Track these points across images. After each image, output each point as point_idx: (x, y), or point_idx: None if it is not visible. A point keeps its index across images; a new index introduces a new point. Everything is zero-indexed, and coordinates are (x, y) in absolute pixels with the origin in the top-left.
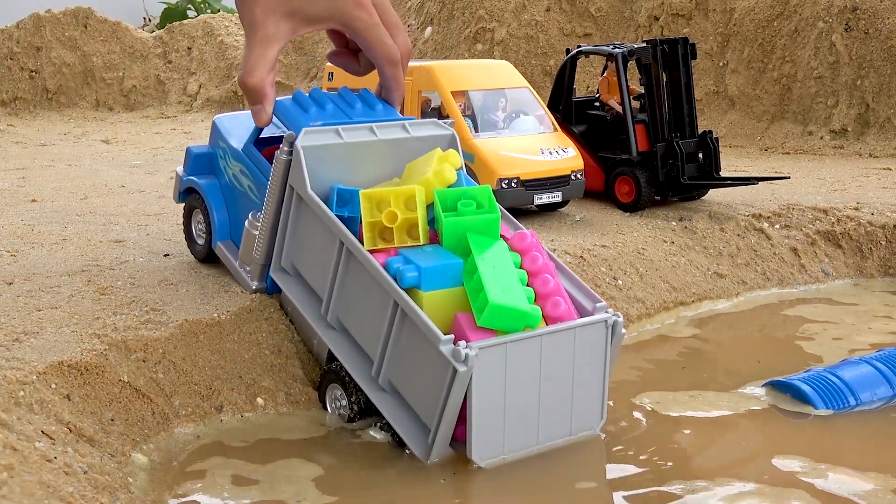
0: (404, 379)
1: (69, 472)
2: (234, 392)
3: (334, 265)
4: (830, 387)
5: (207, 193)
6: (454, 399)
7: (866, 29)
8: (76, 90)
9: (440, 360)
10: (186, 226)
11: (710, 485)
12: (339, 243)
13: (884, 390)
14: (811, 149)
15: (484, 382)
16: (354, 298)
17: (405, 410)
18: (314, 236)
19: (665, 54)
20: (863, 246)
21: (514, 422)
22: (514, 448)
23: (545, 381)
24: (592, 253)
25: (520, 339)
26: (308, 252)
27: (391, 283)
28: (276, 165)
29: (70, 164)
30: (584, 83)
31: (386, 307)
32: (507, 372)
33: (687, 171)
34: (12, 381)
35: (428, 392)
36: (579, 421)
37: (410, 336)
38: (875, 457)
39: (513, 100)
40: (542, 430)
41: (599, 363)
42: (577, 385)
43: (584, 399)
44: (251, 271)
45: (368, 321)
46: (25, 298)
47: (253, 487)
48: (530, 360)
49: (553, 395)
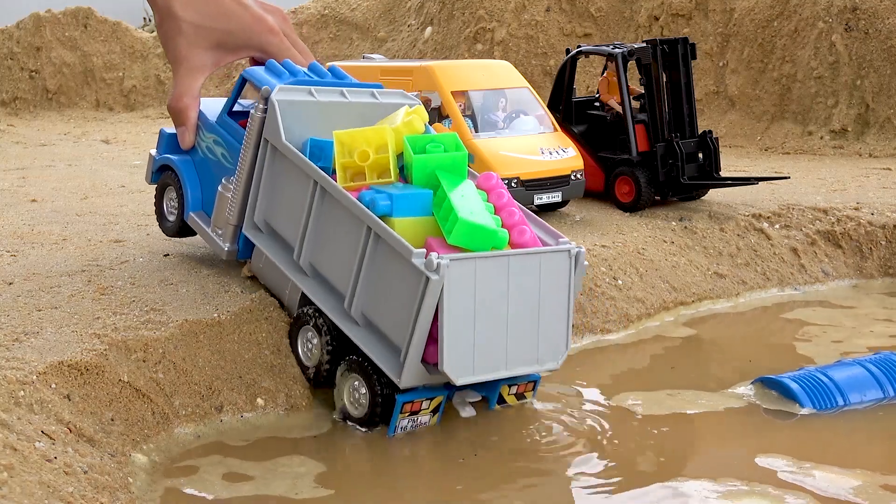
0: (376, 305)
1: (69, 472)
2: (234, 392)
3: (307, 207)
4: (818, 386)
5: (180, 167)
6: (426, 310)
7: (866, 29)
8: (76, 90)
9: (412, 273)
10: (158, 203)
11: (682, 483)
12: (312, 184)
13: (874, 393)
14: (811, 149)
15: (455, 295)
16: (327, 237)
17: (378, 339)
18: (288, 185)
19: (665, 54)
20: (863, 246)
21: (483, 341)
22: (484, 368)
23: (512, 305)
24: (592, 253)
25: (489, 257)
26: (281, 203)
27: (364, 209)
28: (250, 124)
29: (70, 164)
30: (584, 83)
31: (359, 235)
32: (477, 288)
33: (687, 171)
34: (12, 381)
35: (400, 311)
36: (545, 350)
37: (383, 259)
38: (860, 454)
39: (513, 100)
40: (511, 354)
41: (564, 293)
42: (543, 313)
43: (549, 329)
44: (223, 234)
45: (341, 255)
46: (25, 298)
47: (248, 483)
48: (498, 280)
49: (520, 320)
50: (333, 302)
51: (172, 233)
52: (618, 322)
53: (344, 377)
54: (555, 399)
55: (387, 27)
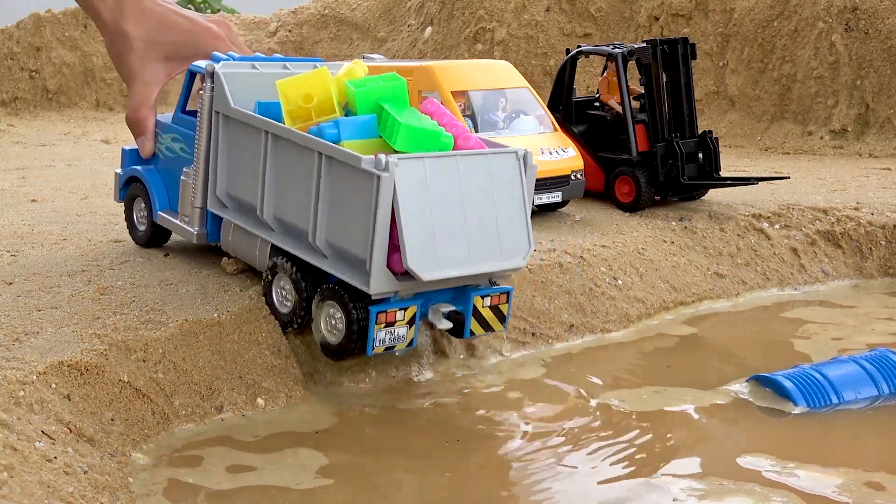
0: (338, 228)
1: (69, 472)
2: (234, 392)
3: (262, 159)
4: (813, 383)
5: (144, 174)
6: (382, 211)
7: (866, 29)
8: (76, 90)
9: (364, 179)
10: (128, 216)
11: (666, 480)
12: (263, 135)
13: (868, 390)
14: (811, 149)
15: (408, 192)
16: (285, 182)
17: (345, 261)
18: (243, 148)
19: (665, 54)
20: (863, 246)
21: (444, 238)
22: (449, 264)
23: (468, 203)
24: (592, 253)
25: (437, 157)
26: (239, 168)
27: (312, 138)
28: (200, 105)
29: (70, 164)
30: (584, 83)
31: (311, 165)
32: (430, 187)
33: (687, 171)
34: (12, 381)
35: (359, 223)
36: (508, 248)
37: (336, 179)
38: (845, 452)
39: (513, 100)
40: (473, 251)
41: (518, 193)
42: (500, 212)
43: (508, 227)
44: (191, 219)
45: (299, 193)
46: (25, 298)
47: (251, 473)
48: (450, 179)
49: (477, 218)
50: (300, 242)
51: (143, 241)
52: (618, 322)
53: (319, 308)
54: (546, 395)
55: (387, 27)
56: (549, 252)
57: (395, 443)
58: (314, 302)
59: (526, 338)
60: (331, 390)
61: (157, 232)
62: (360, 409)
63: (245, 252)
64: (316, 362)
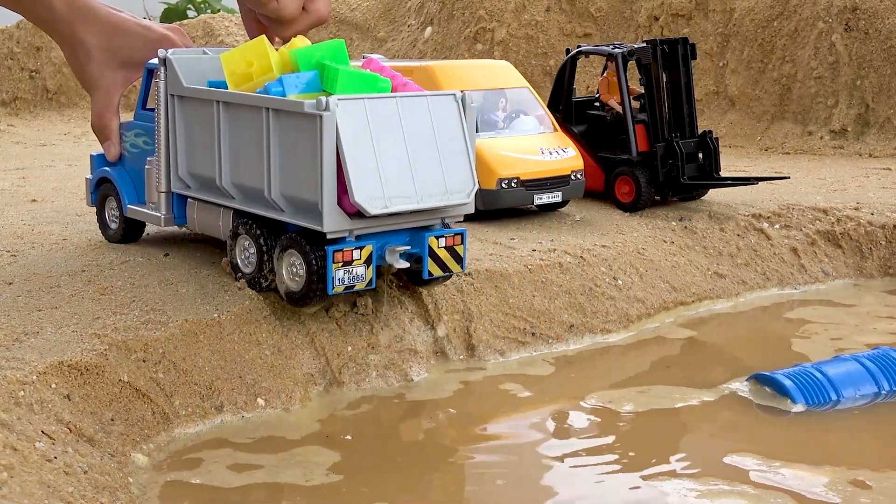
0: (290, 177)
1: (69, 472)
2: (234, 392)
3: (216, 128)
4: (812, 382)
5: (113, 174)
6: (328, 149)
7: (866, 29)
8: (76, 90)
9: (308, 122)
10: (100, 216)
11: (659, 478)
12: (215, 105)
13: (868, 388)
14: (811, 149)
15: (350, 131)
16: (237, 146)
17: (300, 209)
18: (197, 123)
19: (665, 54)
20: (863, 246)
21: (389, 175)
22: (395, 197)
23: (410, 142)
24: (592, 253)
25: (376, 98)
26: (196, 145)
27: (258, 95)
28: (157, 94)
29: (70, 164)
30: (584, 83)
31: (260, 122)
32: (371, 125)
33: (687, 171)
34: (12, 381)
35: (308, 168)
36: (452, 185)
37: (283, 129)
38: (841, 451)
39: (513, 100)
40: (419, 187)
41: (458, 133)
42: (443, 151)
43: (452, 166)
44: (157, 205)
45: (252, 154)
46: (25, 298)
47: (259, 471)
48: (390, 118)
49: (421, 156)
50: (259, 202)
51: (116, 239)
52: (618, 322)
53: (280, 260)
54: (545, 393)
55: (387, 27)
56: (549, 252)
57: (396, 443)
58: (275, 254)
59: (526, 338)
60: (331, 390)
61: (129, 228)
62: (360, 409)
63: (210, 226)
64: (316, 362)
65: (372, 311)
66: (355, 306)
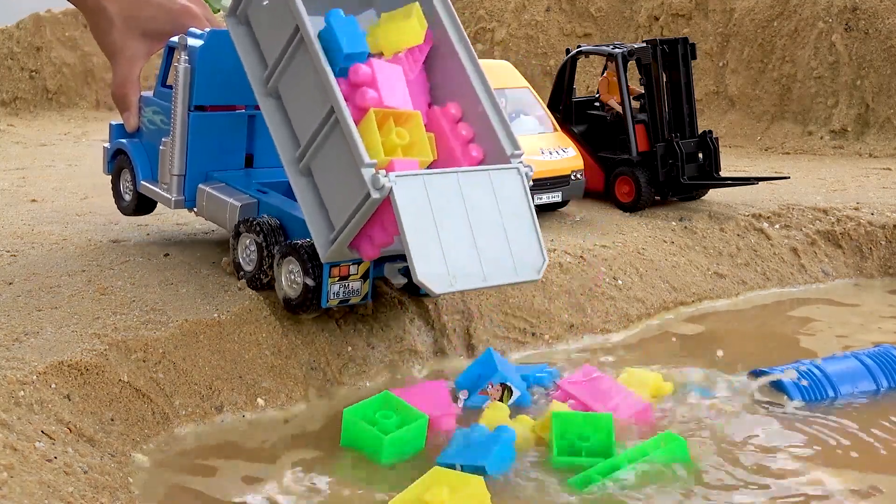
0: (325, 173)
1: (69, 472)
2: (234, 392)
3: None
4: (809, 378)
5: (129, 146)
6: (360, 217)
7: (866, 29)
8: (76, 90)
9: (360, 179)
10: (115, 187)
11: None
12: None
13: (866, 385)
14: (811, 149)
15: (410, 210)
16: (298, 90)
17: (316, 201)
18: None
19: (665, 54)
20: (863, 246)
21: (453, 254)
22: (461, 276)
23: (473, 218)
24: (592, 253)
25: (436, 174)
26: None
27: (334, 87)
28: (176, 77)
29: (70, 164)
30: (584, 83)
31: (322, 110)
32: (432, 203)
33: (687, 171)
34: (12, 381)
35: (342, 197)
36: (521, 263)
37: (339, 143)
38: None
39: (513, 100)
40: (486, 266)
41: (523, 207)
42: (509, 227)
43: (519, 242)
44: (169, 187)
45: (307, 106)
46: (25, 298)
47: (258, 471)
48: (451, 195)
49: (486, 233)
50: (289, 146)
51: (129, 211)
52: (618, 322)
53: (280, 266)
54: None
55: None
56: (549, 252)
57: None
58: (276, 260)
59: (526, 338)
60: (331, 390)
61: (142, 202)
62: None
63: (216, 216)
64: (317, 362)
65: (372, 311)
66: (355, 306)
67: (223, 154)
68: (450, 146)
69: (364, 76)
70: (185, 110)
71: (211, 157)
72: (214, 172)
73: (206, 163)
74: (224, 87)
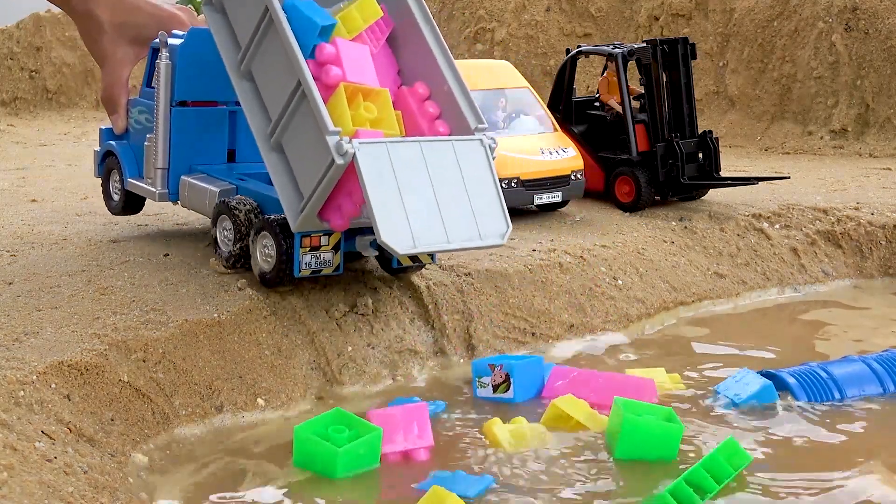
0: (294, 146)
1: (69, 472)
2: (234, 392)
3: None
4: (816, 380)
5: (118, 147)
6: (326, 184)
7: (866, 29)
8: (76, 90)
9: (326, 147)
10: (105, 188)
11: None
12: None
13: (873, 388)
14: (811, 149)
15: (374, 176)
16: (268, 67)
17: (286, 172)
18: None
19: (665, 54)
20: (863, 246)
21: (416, 218)
22: (425, 241)
23: (437, 185)
24: (592, 253)
25: (399, 142)
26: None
27: (300, 60)
28: (157, 74)
29: (70, 164)
30: (584, 83)
31: (290, 84)
32: (396, 170)
33: (687, 171)
34: (12, 381)
35: (309, 165)
36: (485, 228)
37: (306, 115)
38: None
39: (513, 100)
40: (450, 230)
41: (487, 176)
42: (473, 195)
43: (483, 209)
44: (154, 180)
45: (277, 81)
46: (25, 298)
47: (258, 470)
48: (415, 162)
49: (449, 200)
50: (261, 124)
51: (118, 211)
52: (618, 322)
53: (255, 243)
54: None
55: None
56: (549, 252)
57: None
58: (251, 237)
59: (526, 338)
60: (331, 391)
61: (130, 200)
62: (360, 410)
63: (198, 205)
64: (317, 362)
65: (372, 311)
66: (355, 306)
67: (206, 149)
68: (417, 123)
69: (329, 55)
70: (168, 106)
71: (193, 152)
72: (198, 165)
73: (188, 157)
74: (205, 83)
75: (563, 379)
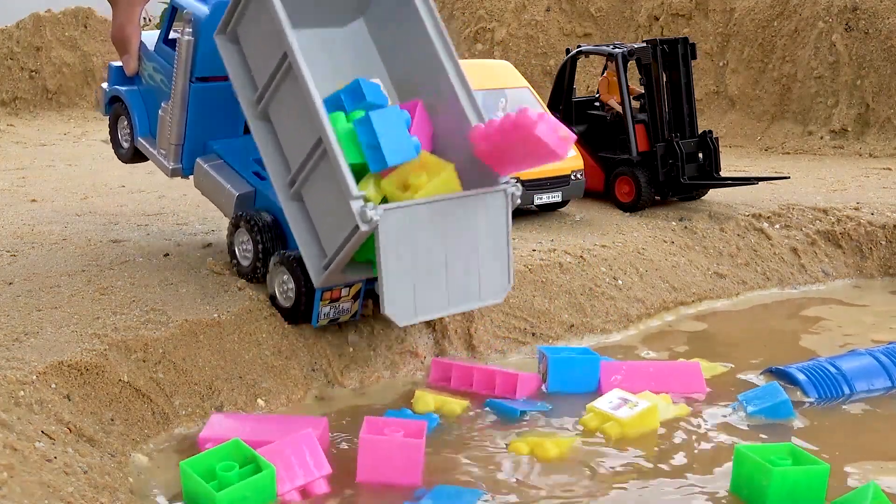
0: (315, 201)
1: (69, 472)
2: (234, 392)
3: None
4: (825, 375)
5: (127, 96)
6: (350, 247)
7: (866, 29)
8: (76, 90)
9: (349, 211)
10: (112, 133)
11: (675, 472)
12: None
13: (882, 381)
14: (811, 149)
15: (391, 246)
16: (286, 117)
17: (308, 227)
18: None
19: (665, 54)
20: (863, 246)
21: (422, 287)
22: (426, 308)
23: (451, 245)
24: (592, 253)
25: (424, 203)
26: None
27: (321, 116)
28: (179, 48)
29: (70, 164)
30: (584, 83)
31: (311, 139)
32: (415, 234)
33: (687, 171)
34: (12, 381)
35: (332, 225)
36: (487, 285)
37: (327, 173)
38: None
39: (513, 100)
40: (452, 293)
41: (502, 230)
42: (483, 251)
43: (490, 265)
44: (167, 154)
45: (296, 135)
46: (25, 298)
47: None
48: (435, 223)
49: (459, 260)
50: (280, 171)
51: (127, 159)
52: (618, 322)
53: (274, 270)
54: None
55: None
56: (549, 252)
57: None
58: (272, 261)
59: (526, 338)
60: (331, 391)
61: (139, 150)
62: (360, 411)
63: (212, 194)
64: (317, 363)
65: (373, 311)
66: None
67: (223, 123)
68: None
69: None
70: (187, 81)
71: (210, 127)
72: (213, 142)
73: (205, 132)
74: None
75: (617, 373)
